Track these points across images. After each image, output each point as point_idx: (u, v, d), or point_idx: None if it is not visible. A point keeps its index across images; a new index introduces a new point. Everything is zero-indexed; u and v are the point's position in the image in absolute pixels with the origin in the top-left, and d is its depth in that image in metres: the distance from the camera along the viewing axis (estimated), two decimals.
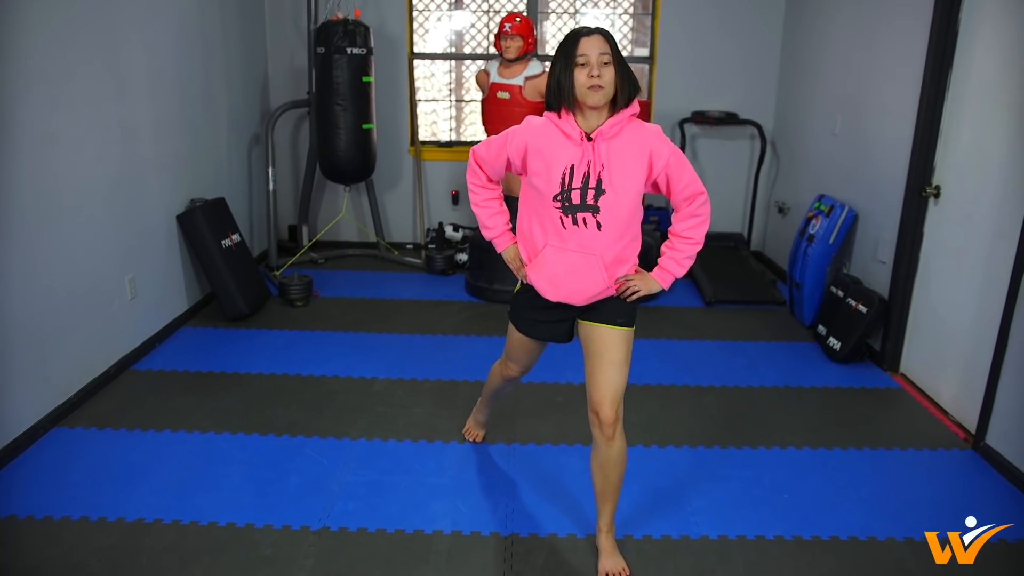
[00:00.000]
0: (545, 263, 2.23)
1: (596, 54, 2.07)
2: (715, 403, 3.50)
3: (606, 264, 2.19)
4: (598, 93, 2.07)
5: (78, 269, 3.28)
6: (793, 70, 5.37)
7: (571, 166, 2.12)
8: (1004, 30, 3.18)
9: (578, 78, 2.08)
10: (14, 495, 2.65)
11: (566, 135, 2.14)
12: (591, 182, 2.11)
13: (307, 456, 2.96)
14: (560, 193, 2.13)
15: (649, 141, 2.15)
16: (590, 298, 2.26)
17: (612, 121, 2.12)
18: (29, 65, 2.91)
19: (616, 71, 2.09)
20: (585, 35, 2.10)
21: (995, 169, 3.17)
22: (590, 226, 2.14)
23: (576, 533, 2.54)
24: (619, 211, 2.14)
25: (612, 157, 2.12)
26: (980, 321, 3.20)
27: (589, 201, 2.12)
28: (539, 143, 2.17)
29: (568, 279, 2.21)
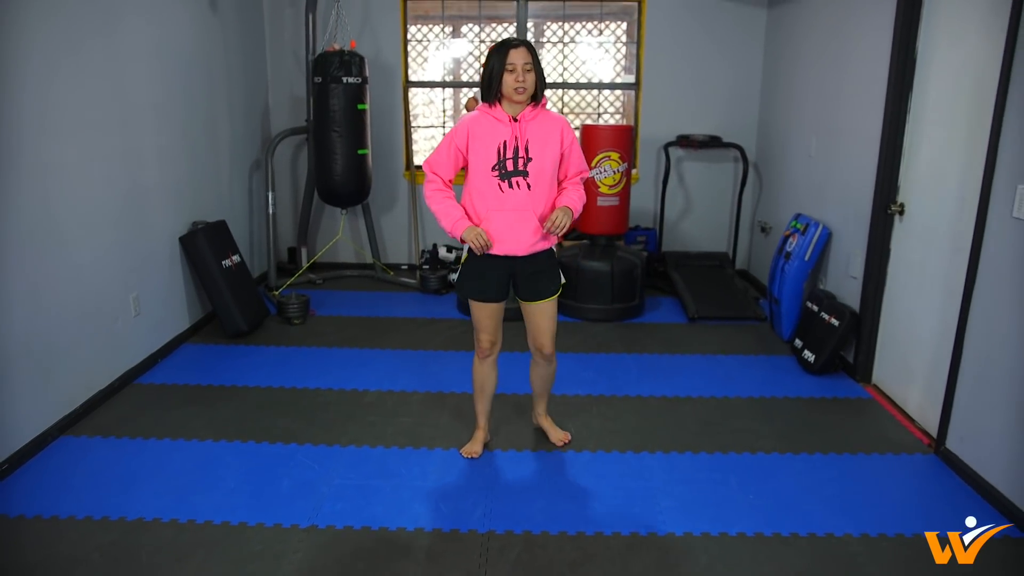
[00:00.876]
0: (490, 224, 2.81)
1: (521, 63, 2.68)
2: (690, 412, 3.65)
3: (538, 216, 2.82)
4: (522, 93, 2.71)
5: (85, 287, 3.47)
6: (773, 95, 5.59)
7: (504, 141, 2.74)
8: (954, 57, 3.38)
9: (507, 80, 2.70)
10: (22, 496, 2.83)
11: (498, 119, 2.76)
12: (520, 152, 2.75)
13: (299, 462, 3.13)
14: (497, 163, 2.75)
15: (559, 123, 2.82)
16: (529, 247, 2.84)
17: (530, 108, 2.77)
18: (43, 96, 3.13)
19: (536, 75, 2.71)
20: (514, 47, 2.69)
21: (951, 186, 3.35)
22: (522, 188, 2.77)
23: (549, 530, 2.69)
24: (543, 174, 2.78)
25: (533, 133, 2.76)
26: (941, 331, 3.36)
27: (520, 167, 2.75)
28: (477, 129, 2.77)
29: (509, 233, 2.81)
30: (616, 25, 6.00)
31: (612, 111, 6.15)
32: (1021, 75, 2.79)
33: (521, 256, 2.86)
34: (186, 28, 4.46)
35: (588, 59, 6.06)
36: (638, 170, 6.00)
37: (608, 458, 3.22)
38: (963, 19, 3.31)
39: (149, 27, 4.00)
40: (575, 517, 2.78)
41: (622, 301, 4.97)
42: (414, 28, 6.00)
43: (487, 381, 3.12)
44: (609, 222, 4.98)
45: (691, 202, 6.07)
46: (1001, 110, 2.88)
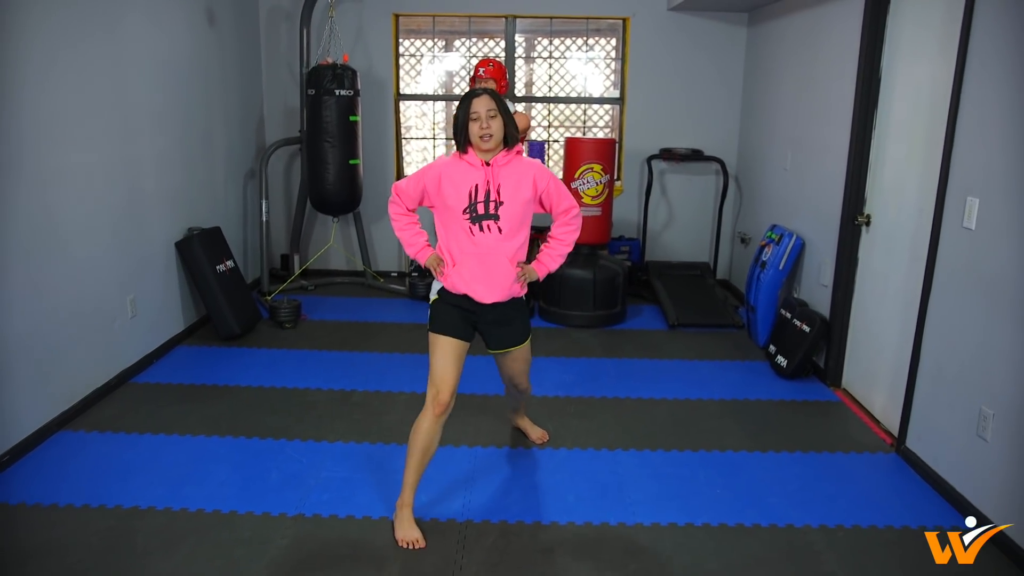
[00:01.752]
0: (463, 267, 2.78)
1: (484, 110, 2.66)
2: (664, 413, 3.81)
3: (508, 259, 2.77)
4: (488, 141, 2.69)
5: (84, 289, 3.62)
6: (753, 111, 5.78)
7: (475, 185, 2.72)
8: (913, 76, 3.56)
9: (472, 129, 2.69)
10: (22, 486, 2.97)
11: (470, 164, 2.74)
12: (491, 196, 2.72)
13: (288, 456, 3.28)
14: (469, 206, 2.72)
15: (532, 169, 2.80)
16: (499, 294, 2.80)
17: (503, 153, 2.75)
18: (48, 105, 3.30)
19: (502, 120, 2.69)
20: (476, 97, 2.69)
21: (912, 198, 3.53)
22: (493, 231, 2.74)
23: (524, 520, 2.84)
24: (513, 219, 2.75)
25: (505, 178, 2.73)
26: (902, 336, 3.53)
27: (491, 211, 2.73)
28: (450, 172, 2.75)
29: (482, 279, 2.77)
30: (606, 41, 6.19)
31: (602, 125, 6.33)
32: (971, 94, 2.97)
33: (488, 304, 2.80)
34: (185, 41, 4.63)
35: (577, 74, 6.25)
36: (622, 182, 6.18)
37: (583, 455, 3.37)
38: (922, 41, 3.50)
39: (149, 40, 4.17)
40: (548, 508, 2.93)
41: (604, 308, 5.13)
42: (407, 42, 6.18)
43: (432, 445, 2.73)
44: (592, 232, 5.14)
45: (674, 213, 6.24)
46: (953, 126, 3.06)
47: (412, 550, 2.64)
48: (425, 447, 2.72)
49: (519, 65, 6.20)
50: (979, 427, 2.88)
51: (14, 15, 3.08)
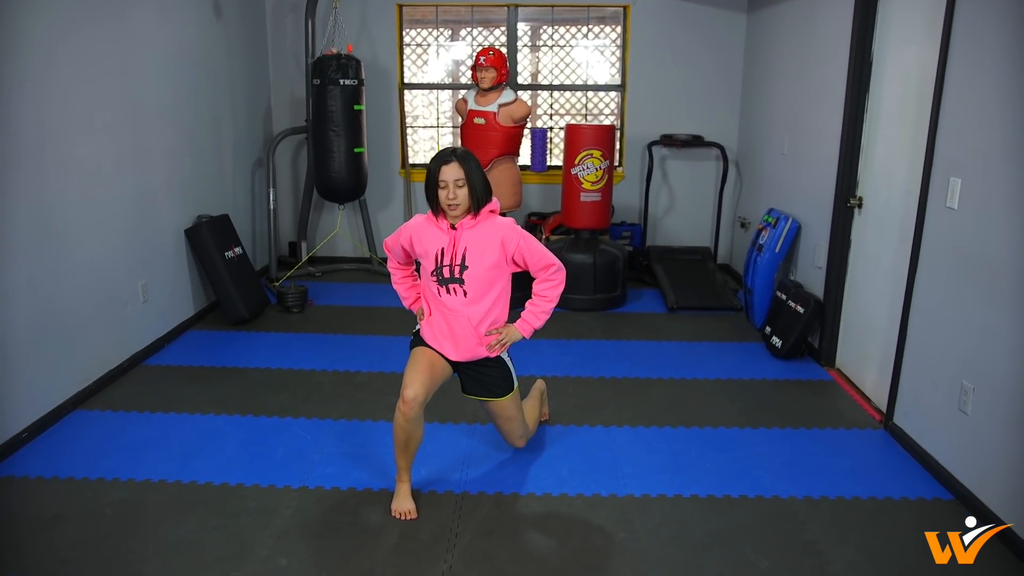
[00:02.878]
0: (433, 322, 2.86)
1: (452, 180, 2.67)
2: (660, 392, 3.91)
3: (474, 324, 2.80)
4: (455, 209, 2.71)
5: (98, 275, 3.75)
6: (752, 96, 5.84)
7: (441, 249, 2.76)
8: (902, 61, 3.63)
9: (440, 196, 2.70)
10: (41, 460, 3.11)
11: (438, 227, 2.78)
12: (456, 260, 2.74)
13: (293, 433, 3.41)
14: (435, 269, 2.77)
15: (500, 231, 2.77)
16: (468, 354, 2.84)
17: (471, 217, 2.75)
18: (63, 99, 3.42)
19: (469, 189, 2.70)
20: (445, 162, 2.68)
21: (900, 180, 3.60)
22: (459, 294, 2.77)
23: (518, 491, 2.96)
24: (479, 282, 2.76)
25: (471, 242, 2.74)
26: (891, 315, 3.61)
27: (456, 275, 2.75)
28: (419, 234, 2.81)
29: (448, 335, 2.83)
30: (611, 29, 6.26)
31: (607, 112, 6.41)
32: (955, 76, 3.04)
33: (459, 362, 2.87)
34: (193, 34, 4.75)
35: (581, 62, 6.32)
36: (623, 168, 6.26)
37: (579, 431, 3.47)
38: (910, 25, 3.56)
39: (158, 33, 4.29)
40: (542, 480, 3.04)
41: (604, 292, 5.23)
42: (413, 32, 6.28)
43: (411, 438, 2.75)
44: (592, 217, 5.24)
45: (675, 199, 6.32)
46: (937, 109, 3.13)
47: (407, 520, 2.76)
48: (404, 441, 2.75)
49: (523, 54, 6.28)
50: (960, 401, 2.96)
51: (28, 9, 3.20)
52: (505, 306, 2.89)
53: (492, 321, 2.84)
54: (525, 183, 5.66)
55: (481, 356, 2.87)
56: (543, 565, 2.55)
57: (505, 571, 2.51)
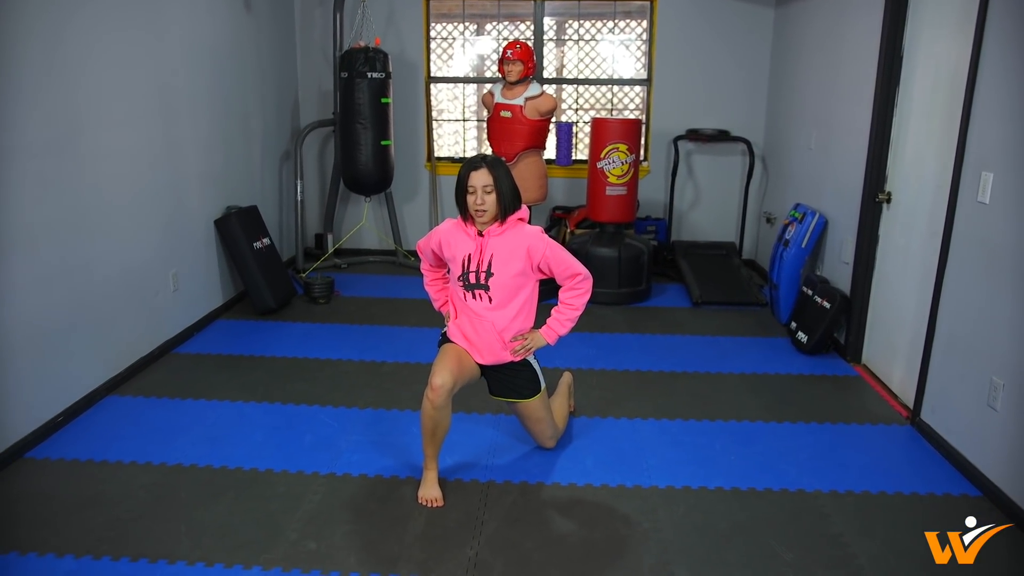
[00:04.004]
0: (460, 324, 2.91)
1: (480, 186, 2.71)
2: (684, 386, 3.91)
3: (498, 330, 2.84)
4: (483, 215, 2.76)
5: (130, 263, 3.82)
6: (779, 91, 5.80)
7: (468, 254, 2.80)
8: (934, 54, 3.60)
9: (468, 201, 2.75)
10: (75, 444, 3.18)
11: (466, 233, 2.83)
12: (482, 267, 2.78)
13: (320, 420, 3.45)
14: (462, 274, 2.82)
15: (527, 239, 2.80)
16: (492, 358, 2.88)
17: (499, 224, 2.79)
18: (98, 90, 3.49)
19: (497, 196, 2.73)
20: (475, 168, 2.73)
21: (930, 174, 3.57)
22: (484, 299, 2.82)
23: (543, 481, 2.98)
24: (504, 289, 2.80)
25: (498, 249, 2.78)
26: (920, 311, 3.58)
27: (482, 281, 2.79)
28: (448, 238, 2.87)
29: (474, 339, 2.87)
30: (637, 23, 6.25)
31: (633, 107, 6.40)
32: (988, 70, 3.02)
33: (484, 365, 2.91)
34: (223, 27, 4.81)
35: (607, 57, 6.32)
36: (649, 162, 6.25)
37: (603, 423, 3.49)
38: (942, 17, 3.53)
39: (189, 26, 4.36)
40: (567, 471, 3.06)
41: (629, 286, 5.23)
42: (439, 26, 6.30)
43: (439, 426, 2.78)
44: (617, 210, 5.24)
45: (700, 194, 6.30)
46: (969, 103, 3.11)
47: (434, 508, 2.80)
48: (432, 429, 2.78)
49: (549, 48, 6.29)
50: (989, 397, 2.94)
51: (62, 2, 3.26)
52: (531, 313, 2.92)
53: (518, 328, 2.88)
54: (550, 177, 5.67)
55: (506, 360, 2.90)
56: (568, 553, 2.57)
57: (530, 558, 2.53)
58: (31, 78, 3.07)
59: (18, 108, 3.02)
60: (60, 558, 2.47)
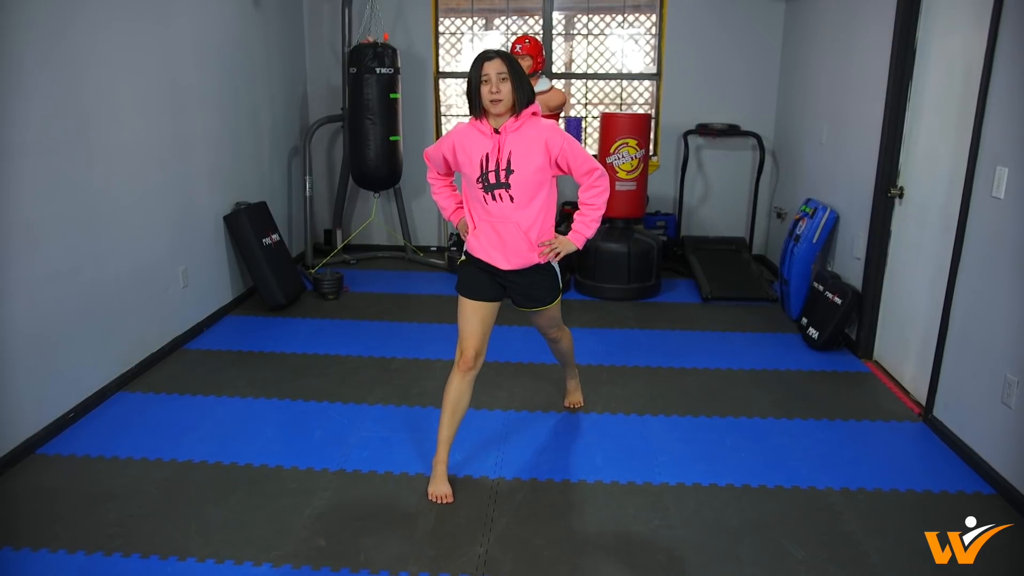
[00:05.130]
0: (480, 233, 2.85)
1: (495, 73, 2.66)
2: (695, 382, 3.89)
3: (523, 229, 2.79)
4: (498, 104, 2.67)
5: (140, 259, 3.83)
6: (790, 85, 5.76)
7: (486, 154, 2.73)
8: (948, 47, 3.56)
9: (483, 92, 2.67)
10: (87, 440, 3.19)
11: (481, 132, 2.75)
12: (502, 164, 2.71)
13: (330, 417, 3.45)
14: (481, 176, 2.74)
15: (544, 132, 2.74)
16: (515, 262, 2.84)
17: (514, 119, 2.72)
18: (108, 86, 3.49)
19: (512, 85, 2.67)
20: (488, 59, 2.68)
21: (944, 169, 3.54)
22: (505, 200, 2.75)
23: (553, 478, 2.97)
24: (525, 185, 2.73)
25: (516, 145, 2.71)
26: (932, 306, 3.55)
27: (502, 179, 2.73)
28: (463, 141, 2.78)
29: (496, 245, 2.83)
30: (646, 17, 6.21)
31: (642, 101, 6.36)
32: (1003, 63, 2.98)
33: (509, 271, 2.87)
34: (232, 23, 4.80)
35: (616, 51, 6.28)
36: (658, 157, 6.22)
37: (613, 419, 3.48)
38: (956, 9, 3.49)
39: (198, 21, 4.35)
40: (577, 467, 3.05)
41: (638, 281, 5.21)
42: (448, 21, 6.28)
43: (461, 401, 2.84)
44: (627, 206, 5.22)
45: (710, 189, 6.27)
46: (984, 96, 3.07)
47: (444, 504, 2.79)
48: (455, 401, 2.83)
49: (558, 42, 6.26)
50: (1003, 394, 2.91)
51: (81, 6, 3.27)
52: (551, 213, 2.86)
53: (541, 227, 2.82)
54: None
55: (533, 263, 2.86)
56: (579, 550, 2.56)
57: (541, 555, 2.53)
58: (39, 74, 3.08)
59: (26, 105, 3.02)
60: (71, 554, 2.48)
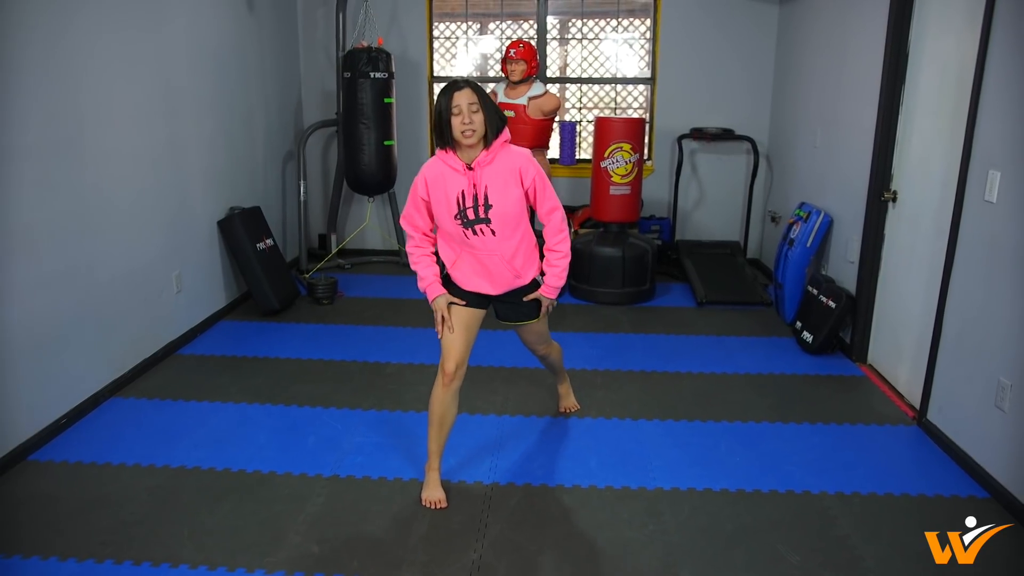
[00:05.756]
0: (463, 265, 2.82)
1: (466, 104, 2.59)
2: (689, 386, 3.89)
3: (506, 259, 2.78)
4: (471, 136, 2.61)
5: (133, 264, 3.82)
6: (784, 89, 5.78)
7: (461, 191, 2.67)
8: (940, 51, 3.57)
9: (455, 124, 2.60)
10: (79, 446, 3.18)
11: (453, 169, 2.68)
12: (480, 200, 2.67)
13: (324, 422, 3.44)
14: (458, 212, 2.69)
15: (518, 162, 2.71)
16: (504, 288, 2.86)
17: (486, 152, 2.67)
18: (101, 91, 3.48)
19: (484, 115, 2.62)
20: (457, 90, 2.60)
21: (937, 173, 3.54)
22: (487, 233, 2.72)
23: (547, 483, 2.96)
24: (506, 218, 2.71)
25: (491, 179, 2.67)
26: (926, 310, 3.55)
27: (481, 215, 2.69)
28: (434, 178, 2.71)
29: (481, 275, 2.82)
30: (640, 21, 6.22)
31: (637, 106, 6.37)
32: (995, 67, 2.99)
33: (494, 295, 2.89)
34: (225, 27, 4.80)
35: (611, 55, 6.29)
36: (653, 162, 6.23)
37: (607, 424, 3.47)
38: (948, 14, 3.50)
39: (191, 27, 4.35)
40: (572, 472, 3.05)
41: (633, 286, 5.21)
42: (442, 25, 6.29)
43: (447, 414, 2.82)
44: (621, 210, 5.22)
45: (704, 193, 6.28)
46: (976, 100, 3.08)
47: (438, 510, 2.78)
48: (441, 415, 2.80)
49: (552, 47, 6.27)
50: (997, 398, 2.92)
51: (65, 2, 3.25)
52: (531, 235, 2.85)
53: (524, 252, 2.81)
54: (554, 176, 5.65)
55: (518, 286, 2.88)
56: (572, 556, 2.56)
57: (534, 561, 2.52)
58: (33, 78, 3.07)
59: (20, 108, 3.01)
60: (63, 561, 2.47)
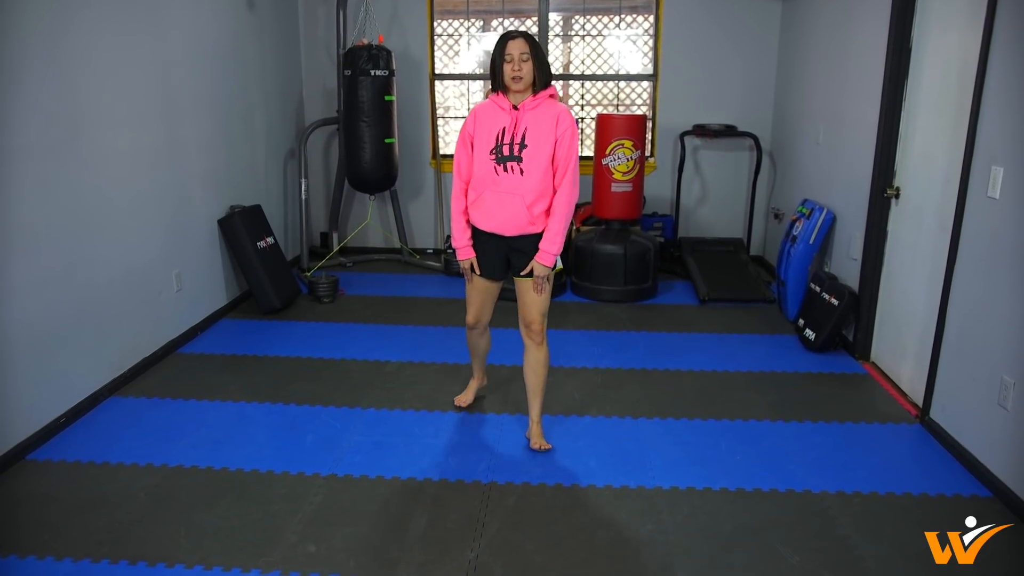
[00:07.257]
0: (484, 202, 3.00)
1: (518, 53, 2.87)
2: (691, 384, 3.87)
3: (527, 203, 2.94)
4: (519, 82, 2.89)
5: (133, 263, 3.81)
6: (787, 86, 5.74)
7: (503, 128, 2.94)
8: (943, 47, 3.54)
9: (505, 70, 2.89)
10: (78, 445, 3.17)
11: (501, 107, 2.97)
12: (516, 139, 2.92)
13: (323, 421, 3.43)
14: (495, 147, 2.94)
15: (558, 111, 2.94)
16: (517, 230, 2.99)
17: (532, 98, 2.94)
18: (100, 90, 3.47)
19: (533, 65, 2.88)
20: (512, 38, 2.89)
21: (939, 169, 3.51)
22: (515, 172, 2.93)
23: (546, 482, 2.95)
24: (536, 161, 2.92)
25: (531, 122, 2.92)
26: (928, 308, 3.53)
27: (515, 153, 2.92)
28: (483, 115, 3.00)
29: (499, 213, 2.98)
30: (643, 18, 6.19)
31: (639, 102, 6.34)
32: (997, 63, 2.96)
33: (509, 236, 3.01)
34: (226, 26, 4.79)
35: (613, 52, 6.26)
36: (655, 159, 6.20)
37: (607, 422, 3.46)
38: (951, 10, 3.47)
39: (192, 25, 4.34)
40: (570, 471, 3.03)
41: (635, 283, 5.19)
42: (444, 23, 6.27)
43: (478, 345, 3.40)
44: (623, 207, 5.20)
45: (707, 190, 6.25)
46: (979, 96, 3.05)
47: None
48: (472, 346, 3.40)
49: (555, 44, 6.24)
50: (1000, 396, 2.89)
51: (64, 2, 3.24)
52: (550, 191, 2.97)
53: (543, 202, 2.95)
54: None
55: (529, 232, 2.99)
56: (570, 556, 2.54)
57: (532, 561, 2.50)
58: (32, 78, 3.06)
59: (19, 109, 3.00)
60: (59, 561, 2.46)
